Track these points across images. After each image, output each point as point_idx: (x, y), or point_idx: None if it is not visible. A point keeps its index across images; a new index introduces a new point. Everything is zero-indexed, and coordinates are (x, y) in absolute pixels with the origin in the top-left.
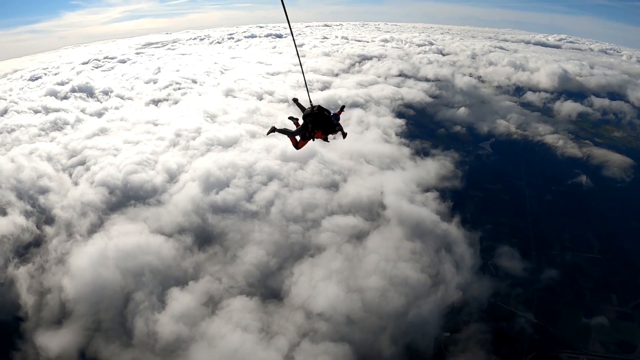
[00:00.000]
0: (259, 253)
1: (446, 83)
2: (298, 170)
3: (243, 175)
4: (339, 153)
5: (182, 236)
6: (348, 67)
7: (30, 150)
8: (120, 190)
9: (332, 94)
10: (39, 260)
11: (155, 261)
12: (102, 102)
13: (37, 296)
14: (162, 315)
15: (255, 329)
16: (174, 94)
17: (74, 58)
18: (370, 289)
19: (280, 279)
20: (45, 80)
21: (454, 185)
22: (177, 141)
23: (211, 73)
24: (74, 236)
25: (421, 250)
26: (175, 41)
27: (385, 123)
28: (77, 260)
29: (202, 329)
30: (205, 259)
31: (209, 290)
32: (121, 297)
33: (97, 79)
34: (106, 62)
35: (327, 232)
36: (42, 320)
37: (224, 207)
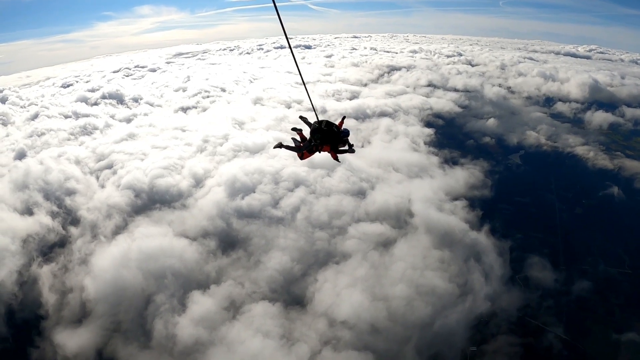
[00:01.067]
0: (283, 259)
1: (475, 94)
2: (325, 177)
3: (269, 181)
4: (366, 161)
5: (206, 240)
6: (377, 78)
7: (59, 153)
8: (146, 194)
9: (360, 104)
10: (63, 260)
11: (177, 264)
12: (131, 109)
13: (58, 295)
14: (182, 318)
15: (277, 335)
16: (202, 102)
17: (105, 67)
18: (396, 297)
19: (304, 285)
20: (77, 87)
21: (484, 194)
22: (204, 147)
23: (240, 82)
24: (98, 237)
25: (449, 259)
26: (205, 52)
27: (414, 132)
28: (99, 260)
29: (221, 334)
30: (229, 264)
31: (230, 295)
32: (142, 298)
33: (128, 87)
34: (137, 70)
35: (353, 239)
36: (62, 319)
37: (249, 213)
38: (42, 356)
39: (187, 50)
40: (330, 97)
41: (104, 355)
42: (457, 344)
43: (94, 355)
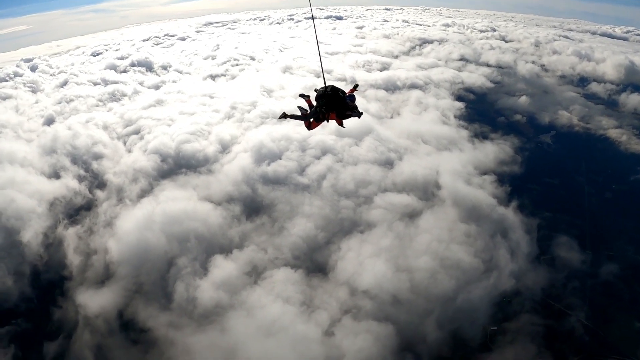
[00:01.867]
0: (308, 226)
1: (508, 70)
2: (353, 146)
3: (296, 149)
4: (395, 132)
5: (231, 205)
6: (408, 50)
7: (87, 119)
8: (172, 159)
9: (390, 75)
10: (88, 222)
11: (201, 228)
12: (160, 76)
13: (82, 257)
14: (204, 282)
15: (297, 302)
16: (231, 70)
17: (134, 36)
18: (419, 269)
19: (327, 253)
20: (106, 55)
21: (513, 170)
22: (232, 114)
23: (270, 51)
24: (123, 201)
25: (475, 234)
26: (235, 21)
27: (444, 105)
28: (124, 223)
29: (242, 298)
30: (252, 229)
31: (253, 260)
32: (164, 261)
33: (157, 55)
34: (166, 39)
35: (379, 209)
36: (86, 280)
37: (274, 179)
38: (64, 316)
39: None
40: (360, 67)
41: (125, 316)
42: (479, 321)
43: (115, 316)
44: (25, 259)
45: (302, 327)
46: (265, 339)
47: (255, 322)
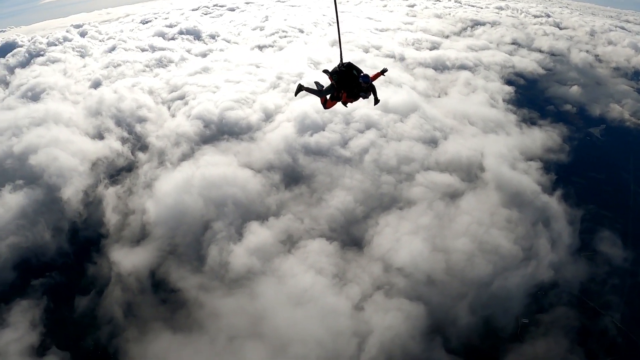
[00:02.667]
0: (347, 199)
1: (561, 57)
2: (398, 123)
3: (340, 121)
4: (442, 111)
5: (270, 173)
6: (459, 31)
7: (133, 83)
8: (215, 125)
9: (440, 55)
10: (128, 183)
11: (239, 194)
12: (207, 45)
13: (120, 216)
14: (237, 247)
15: (329, 274)
16: (279, 41)
17: (184, 5)
18: (456, 251)
19: (364, 227)
20: (155, 23)
21: (560, 159)
22: (277, 84)
23: (319, 24)
24: (164, 164)
25: (517, 220)
26: None
27: (493, 88)
28: (163, 185)
29: (274, 265)
30: (290, 198)
31: (288, 229)
32: (200, 224)
33: (205, 24)
34: (215, 9)
35: (420, 187)
36: (121, 238)
37: (316, 150)
38: (98, 272)
39: None
40: (409, 45)
41: (157, 276)
42: (512, 309)
43: (147, 275)
44: (65, 215)
45: (333, 300)
46: (294, 308)
47: (285, 291)
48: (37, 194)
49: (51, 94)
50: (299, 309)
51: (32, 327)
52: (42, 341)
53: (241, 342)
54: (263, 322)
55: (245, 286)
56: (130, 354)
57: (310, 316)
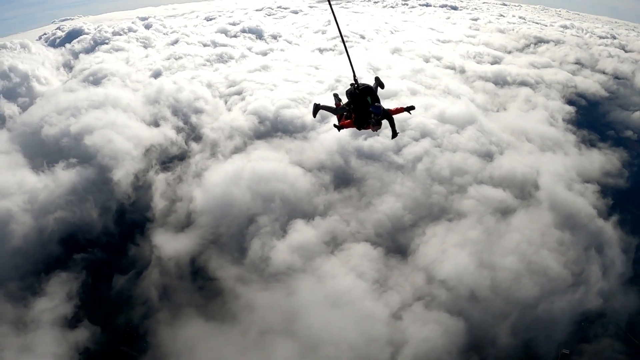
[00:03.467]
0: (395, 205)
1: (625, 81)
2: (454, 134)
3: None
4: (499, 125)
5: (321, 173)
6: (522, 47)
7: (192, 76)
8: (270, 122)
9: (501, 69)
10: (179, 171)
11: (288, 191)
12: (268, 44)
13: (168, 202)
14: (280, 243)
15: (370, 279)
16: (340, 46)
17: (248, 5)
18: (503, 269)
19: (410, 236)
20: (219, 20)
21: (618, 184)
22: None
23: (380, 32)
24: (216, 155)
25: (569, 243)
26: (349, 1)
27: (554, 107)
28: (213, 176)
29: (315, 265)
30: (338, 200)
31: (333, 230)
32: (245, 217)
33: (268, 24)
34: (279, 11)
35: (472, 200)
36: (166, 224)
37: (369, 154)
38: (139, 253)
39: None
40: (471, 58)
41: (196, 263)
42: (555, 336)
43: (187, 261)
44: (114, 196)
45: (371, 305)
46: (330, 310)
47: (323, 291)
48: (88, 173)
49: (112, 80)
50: (335, 311)
51: (67, 299)
52: (76, 313)
53: (272, 338)
54: (297, 320)
55: (283, 282)
56: (160, 336)
57: (345, 319)
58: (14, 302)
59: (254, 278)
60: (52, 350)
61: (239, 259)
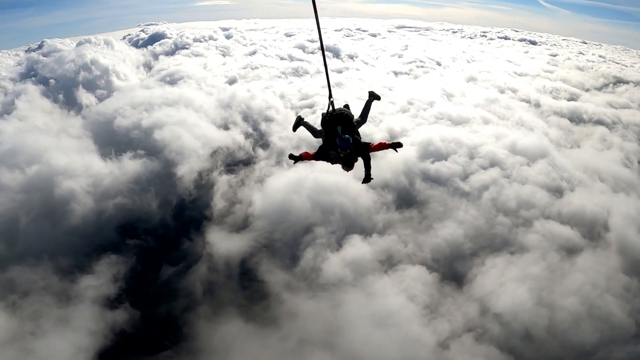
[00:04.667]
0: (456, 232)
1: None
2: (524, 166)
3: (464, 154)
4: (572, 162)
5: (384, 191)
6: (600, 86)
7: (266, 86)
8: None
9: (577, 106)
10: (242, 175)
11: (348, 205)
12: (344, 63)
13: (227, 203)
14: (334, 256)
15: (422, 303)
16: (415, 71)
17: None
18: (563, 309)
19: (469, 264)
20: (298, 37)
21: None
22: (407, 108)
23: (457, 60)
24: (281, 163)
25: (636, 290)
26: (428, 29)
27: (630, 148)
28: (275, 182)
29: (366, 282)
30: (399, 220)
31: (390, 250)
32: (302, 226)
33: (346, 45)
34: (357, 33)
35: (537, 235)
36: (223, 223)
37: (435, 178)
38: (191, 248)
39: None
40: (547, 93)
41: (246, 265)
42: None
43: (236, 262)
44: (175, 190)
45: (418, 330)
46: (375, 328)
47: (371, 308)
48: (154, 165)
49: (188, 82)
50: (379, 330)
51: (113, 280)
52: (119, 295)
53: (311, 348)
54: (339, 333)
55: (331, 294)
56: (198, 330)
57: (389, 340)
58: (61, 275)
59: (301, 286)
60: (88, 325)
61: (289, 266)
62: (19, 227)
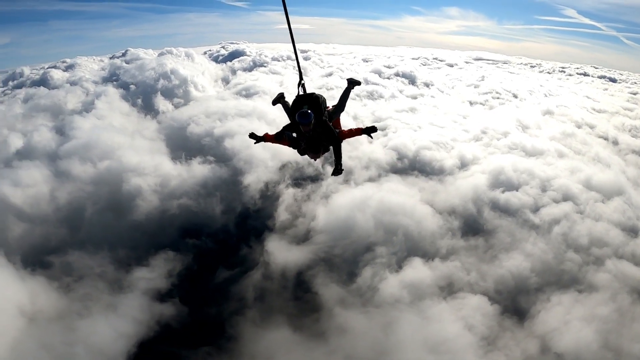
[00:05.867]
0: (523, 265)
1: None
2: (598, 202)
3: (536, 186)
4: None
5: (450, 217)
6: None
7: None
8: (408, 160)
9: None
10: (309, 190)
11: (413, 227)
12: (419, 90)
13: (290, 216)
14: (392, 277)
15: (479, 334)
16: (491, 101)
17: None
18: (630, 356)
19: (533, 299)
20: (375, 62)
21: None
22: (480, 137)
23: (534, 93)
24: (349, 182)
25: None
26: (506, 62)
27: None
28: (340, 198)
29: (424, 306)
30: (463, 247)
31: (451, 276)
32: (364, 244)
33: (422, 72)
34: (434, 62)
35: (608, 275)
36: (284, 235)
37: (504, 207)
38: (249, 255)
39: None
40: (626, 131)
41: (302, 276)
42: None
43: (293, 273)
44: (241, 198)
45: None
46: (427, 353)
47: (425, 333)
48: (222, 172)
49: (263, 96)
50: (431, 356)
51: (167, 276)
52: (170, 290)
53: None
54: (389, 354)
55: (384, 314)
56: (243, 332)
57: None
58: (117, 265)
59: (355, 303)
60: (134, 314)
61: (345, 282)
62: (84, 216)
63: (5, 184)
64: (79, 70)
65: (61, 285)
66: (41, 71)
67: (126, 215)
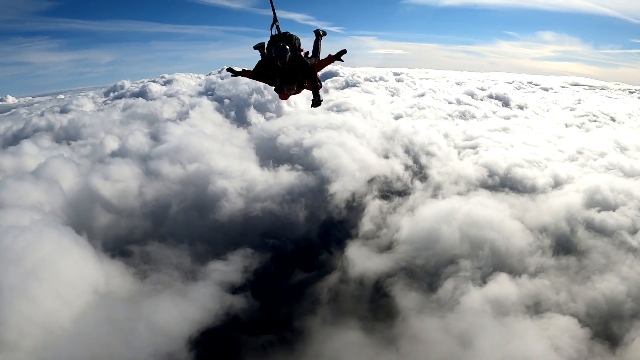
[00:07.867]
0: (618, 289)
1: None
2: None
3: (635, 207)
4: None
5: (542, 235)
6: None
7: (431, 124)
8: (499, 177)
9: None
10: (395, 203)
11: (500, 242)
12: (513, 111)
13: (374, 226)
14: (475, 291)
15: (566, 356)
16: (587, 124)
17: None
18: None
19: (627, 326)
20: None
21: None
22: (576, 157)
23: (633, 116)
24: (437, 196)
25: None
26: (603, 88)
27: None
28: (426, 210)
29: (507, 322)
30: (553, 266)
31: (539, 295)
32: (447, 256)
33: (516, 95)
34: (529, 86)
35: None
36: (366, 244)
37: (599, 228)
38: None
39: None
40: None
41: (379, 283)
42: None
43: (372, 280)
44: (325, 206)
45: None
46: None
47: (506, 350)
48: (309, 180)
49: (354, 113)
50: None
51: (243, 270)
52: (243, 285)
53: None
54: None
55: (463, 327)
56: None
57: None
58: (194, 257)
59: (434, 312)
60: (204, 302)
61: (425, 292)
62: (168, 212)
63: (96, 177)
64: (177, 85)
65: (138, 271)
66: (140, 84)
67: (209, 214)
